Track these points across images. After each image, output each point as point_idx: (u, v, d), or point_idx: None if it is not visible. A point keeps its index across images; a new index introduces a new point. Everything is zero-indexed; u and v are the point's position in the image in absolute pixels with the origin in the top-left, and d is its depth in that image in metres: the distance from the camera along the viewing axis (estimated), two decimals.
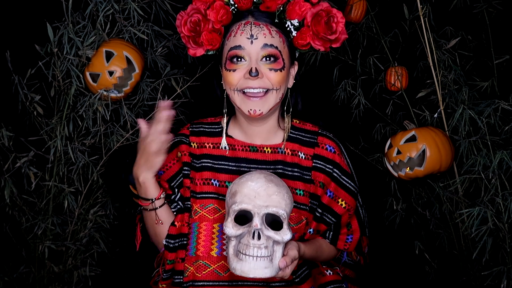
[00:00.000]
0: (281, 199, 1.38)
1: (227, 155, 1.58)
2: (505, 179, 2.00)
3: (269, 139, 1.58)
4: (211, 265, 1.52)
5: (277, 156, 1.57)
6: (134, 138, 2.16)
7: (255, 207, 1.36)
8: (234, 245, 1.39)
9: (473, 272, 2.19)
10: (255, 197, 1.37)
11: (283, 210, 1.37)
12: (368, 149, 2.51)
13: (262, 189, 1.38)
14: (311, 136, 1.59)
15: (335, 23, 1.50)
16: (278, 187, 1.40)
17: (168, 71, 2.18)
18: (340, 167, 1.58)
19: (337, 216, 1.59)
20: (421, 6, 2.08)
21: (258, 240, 1.35)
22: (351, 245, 1.63)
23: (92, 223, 2.22)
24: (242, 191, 1.39)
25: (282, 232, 1.37)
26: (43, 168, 2.12)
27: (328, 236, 1.62)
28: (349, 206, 1.59)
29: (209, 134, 1.61)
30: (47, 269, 2.18)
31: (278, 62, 1.47)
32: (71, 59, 2.00)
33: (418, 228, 2.45)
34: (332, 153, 1.57)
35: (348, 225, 1.62)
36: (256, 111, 1.48)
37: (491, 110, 2.05)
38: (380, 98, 2.46)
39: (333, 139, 1.60)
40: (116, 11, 2.04)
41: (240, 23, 1.48)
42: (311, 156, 1.57)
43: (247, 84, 1.47)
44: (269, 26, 1.47)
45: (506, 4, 2.29)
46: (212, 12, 1.47)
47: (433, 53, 2.15)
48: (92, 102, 2.04)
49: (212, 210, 1.55)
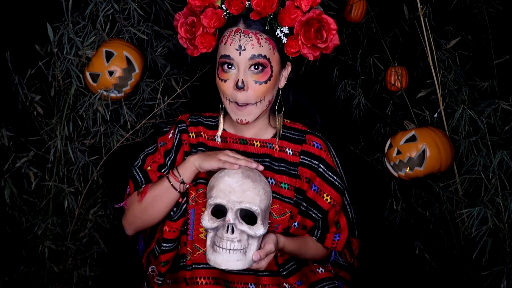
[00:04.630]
0: (255, 195, 1.43)
1: (219, 146, 1.65)
2: (505, 179, 2.00)
3: (259, 134, 1.64)
4: (201, 248, 1.59)
5: (265, 150, 1.63)
6: (134, 138, 2.16)
7: (229, 202, 1.42)
8: (211, 236, 1.46)
9: (473, 272, 2.19)
10: (230, 192, 1.43)
11: (256, 206, 1.42)
12: (368, 149, 2.51)
13: (238, 185, 1.44)
14: (300, 134, 1.65)
15: (326, 30, 1.50)
16: (254, 183, 1.45)
17: (168, 71, 2.18)
18: (326, 162, 1.62)
19: (322, 211, 1.62)
20: (421, 6, 2.08)
21: (232, 234, 1.42)
22: (339, 244, 1.66)
23: (92, 223, 2.22)
24: (219, 186, 1.45)
25: (255, 227, 1.43)
26: (43, 168, 2.12)
27: (316, 234, 1.66)
28: (335, 201, 1.62)
29: (205, 126, 1.68)
30: (47, 269, 2.18)
31: (265, 71, 1.51)
32: (71, 59, 2.00)
33: (418, 228, 2.45)
34: (319, 150, 1.62)
35: (337, 223, 1.66)
36: (243, 120, 1.56)
37: (491, 110, 2.05)
38: (380, 98, 2.46)
39: (321, 138, 1.65)
40: (116, 11, 2.04)
41: (231, 30, 1.51)
42: (298, 152, 1.62)
43: (236, 97, 1.53)
44: (258, 34, 1.50)
45: (506, 4, 2.28)
46: (205, 18, 1.50)
47: (433, 53, 2.15)
48: (92, 102, 2.04)
49: (202, 194, 1.61)
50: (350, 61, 2.46)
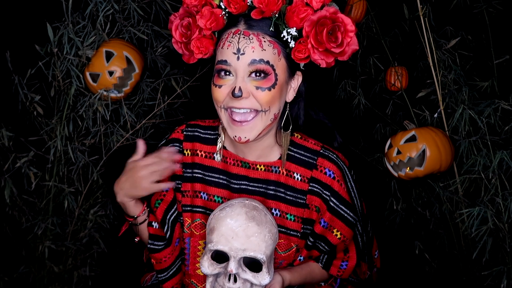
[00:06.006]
0: (261, 241, 1.28)
1: (218, 167, 1.46)
2: (505, 179, 2.00)
3: (264, 156, 1.43)
4: (198, 285, 1.48)
5: (271, 175, 1.43)
6: (134, 138, 2.16)
7: (232, 249, 1.28)
8: (211, 282, 1.33)
9: (473, 272, 2.19)
10: (233, 238, 1.27)
11: (262, 254, 1.28)
12: (368, 149, 2.51)
13: (241, 229, 1.28)
14: (311, 156, 1.43)
15: (341, 32, 1.28)
16: (259, 226, 1.29)
17: (168, 71, 2.18)
18: (338, 195, 1.42)
19: (331, 245, 1.48)
20: (421, 6, 2.08)
21: (234, 283, 1.29)
22: (345, 272, 1.52)
23: (92, 223, 2.22)
24: (220, 230, 1.29)
25: (260, 275, 1.30)
26: (43, 168, 2.12)
27: (322, 260, 1.51)
28: (345, 237, 1.47)
29: (203, 140, 1.48)
30: (47, 269, 2.18)
31: (269, 78, 1.29)
32: (71, 59, 2.00)
33: (418, 228, 2.45)
34: (331, 179, 1.41)
35: (346, 250, 1.52)
36: (241, 138, 1.32)
37: (491, 110, 2.05)
38: (380, 98, 2.46)
39: (336, 162, 1.43)
40: (116, 11, 2.04)
41: (230, 31, 1.31)
42: (307, 178, 1.42)
43: (232, 103, 1.31)
44: (261, 36, 1.28)
45: (506, 4, 2.28)
46: (201, 18, 1.30)
47: (433, 53, 2.15)
48: (92, 102, 2.04)
49: (199, 225, 1.47)
50: (350, 61, 2.46)
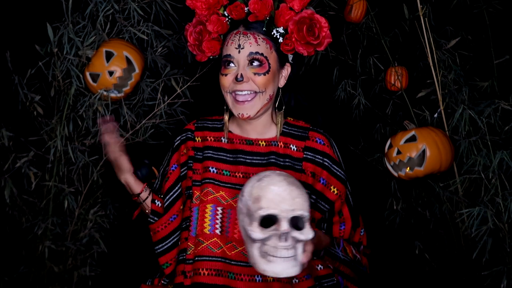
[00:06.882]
0: (304, 201, 1.43)
1: (226, 147, 1.74)
2: (505, 179, 2.00)
3: (264, 133, 1.74)
4: (204, 242, 1.65)
5: (271, 148, 1.72)
6: (134, 138, 2.16)
7: (282, 211, 1.41)
8: (259, 247, 1.44)
9: (473, 272, 2.19)
10: (281, 201, 1.42)
11: (307, 212, 1.43)
12: (368, 149, 2.52)
13: (286, 193, 1.43)
14: (302, 131, 1.74)
15: (317, 28, 1.64)
16: (299, 189, 1.45)
17: (168, 71, 2.18)
18: (330, 156, 1.72)
19: (330, 202, 1.72)
20: (421, 6, 2.08)
21: (286, 242, 1.42)
22: (345, 233, 1.75)
23: (92, 223, 2.22)
24: (267, 196, 1.43)
25: (305, 231, 1.43)
26: (43, 168, 2.12)
27: (323, 227, 1.74)
28: (340, 192, 1.72)
29: (211, 129, 1.78)
30: (47, 269, 2.18)
31: (263, 66, 1.65)
32: (71, 59, 2.00)
33: (418, 228, 2.45)
34: (322, 145, 1.72)
35: (340, 212, 1.74)
36: (244, 114, 1.66)
37: (491, 110, 2.06)
38: (380, 98, 2.46)
39: (323, 133, 1.75)
40: (116, 11, 2.04)
41: (232, 32, 1.68)
42: (302, 148, 1.71)
43: (236, 87, 1.66)
44: (256, 34, 1.66)
45: (506, 4, 2.29)
46: (210, 25, 1.67)
47: (433, 53, 2.15)
48: (92, 102, 2.04)
49: (208, 193, 1.69)
50: (350, 61, 2.46)
